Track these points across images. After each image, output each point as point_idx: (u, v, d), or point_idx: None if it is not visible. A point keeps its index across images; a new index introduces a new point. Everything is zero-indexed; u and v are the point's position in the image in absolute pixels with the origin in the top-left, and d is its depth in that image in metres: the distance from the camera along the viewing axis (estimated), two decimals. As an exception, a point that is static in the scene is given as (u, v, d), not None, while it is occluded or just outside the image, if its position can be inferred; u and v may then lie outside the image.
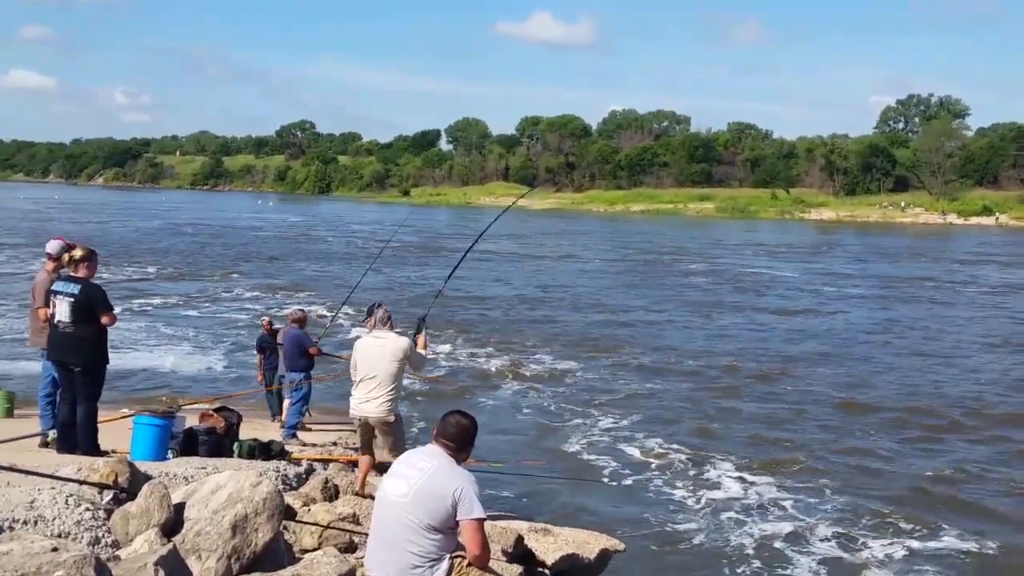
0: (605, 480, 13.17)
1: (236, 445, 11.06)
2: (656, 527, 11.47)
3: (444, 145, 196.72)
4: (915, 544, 11.04)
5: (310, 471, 10.48)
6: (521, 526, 8.78)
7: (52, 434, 10.61)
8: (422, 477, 5.00)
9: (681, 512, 11.99)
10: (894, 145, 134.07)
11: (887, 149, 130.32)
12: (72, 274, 9.82)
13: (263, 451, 10.97)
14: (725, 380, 20.13)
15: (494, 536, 7.44)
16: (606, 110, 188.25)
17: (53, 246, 10.86)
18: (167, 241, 55.76)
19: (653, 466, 13.89)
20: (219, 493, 7.54)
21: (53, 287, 9.90)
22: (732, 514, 11.93)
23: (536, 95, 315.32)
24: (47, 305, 9.98)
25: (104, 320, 9.80)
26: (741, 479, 13.28)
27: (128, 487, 7.56)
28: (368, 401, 9.14)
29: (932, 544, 11.08)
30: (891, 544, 11.02)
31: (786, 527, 11.46)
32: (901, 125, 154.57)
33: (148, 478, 7.87)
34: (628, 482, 13.15)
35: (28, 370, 15.17)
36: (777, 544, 10.98)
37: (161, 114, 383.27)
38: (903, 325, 28.74)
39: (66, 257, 10.04)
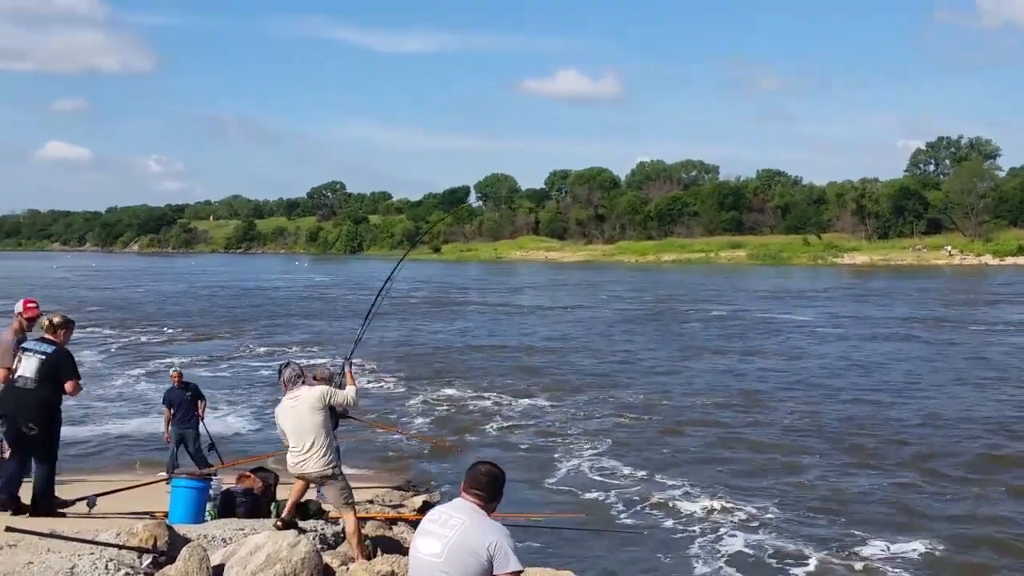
0: (626, 527, 13.20)
1: (273, 505, 11.06)
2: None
3: (474, 201, 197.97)
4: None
5: (347, 530, 10.45)
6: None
7: (92, 498, 10.65)
8: (454, 534, 4.92)
9: (699, 559, 12.03)
10: (925, 187, 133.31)
11: (919, 192, 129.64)
12: (49, 337, 9.72)
13: (300, 511, 10.96)
14: (713, 417, 20.76)
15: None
16: (634, 162, 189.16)
17: (19, 306, 10.98)
18: (191, 304, 56.50)
19: (663, 509, 14.03)
20: (257, 554, 7.56)
21: (25, 344, 9.84)
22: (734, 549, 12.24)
23: (564, 149, 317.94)
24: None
25: (68, 387, 9.58)
26: (725, 511, 13.75)
27: (167, 550, 7.59)
28: (304, 461, 8.93)
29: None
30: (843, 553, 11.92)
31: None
32: (932, 168, 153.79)
33: (186, 541, 7.90)
34: (648, 527, 13.16)
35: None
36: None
37: (194, 180, 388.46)
38: (891, 363, 29.07)
39: (44, 322, 9.90)
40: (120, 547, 7.57)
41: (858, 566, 11.56)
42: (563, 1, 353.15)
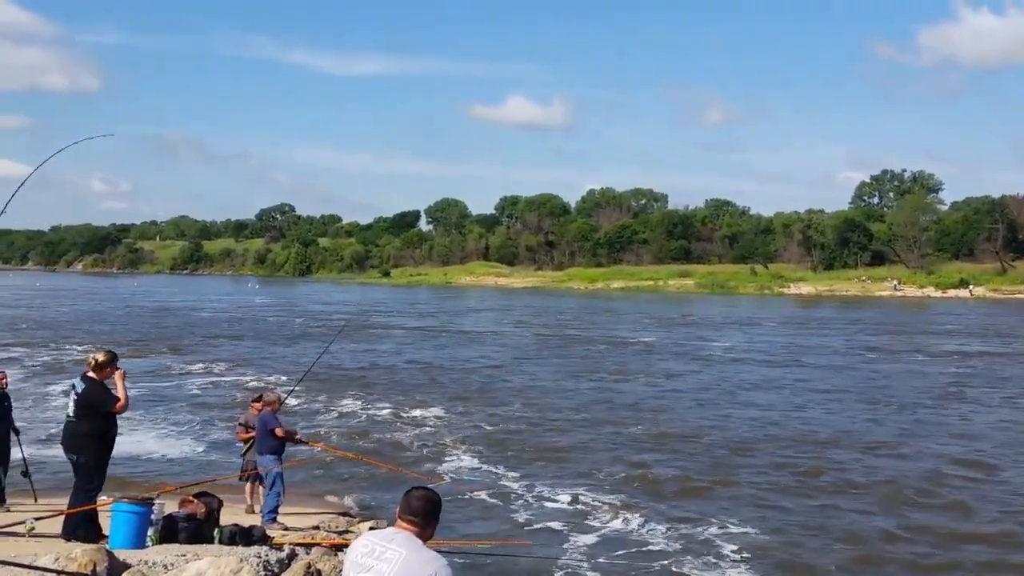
0: (565, 551, 13.06)
1: (217, 531, 10.91)
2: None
3: (424, 226, 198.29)
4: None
5: (292, 556, 10.31)
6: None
7: (30, 521, 10.47)
8: (392, 569, 4.65)
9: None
10: (870, 220, 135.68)
11: (863, 224, 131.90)
12: (91, 375, 10.69)
13: (244, 537, 10.82)
14: (605, 431, 22.00)
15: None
16: (584, 189, 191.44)
17: None
18: (126, 323, 56.12)
19: (600, 527, 14.22)
20: (200, 580, 7.43)
21: (74, 382, 10.99)
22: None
23: (514, 176, 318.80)
24: None
25: (117, 410, 10.65)
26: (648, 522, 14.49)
27: (106, 576, 7.44)
28: None
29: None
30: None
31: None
32: (876, 200, 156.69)
33: (127, 567, 7.75)
34: (594, 554, 13.02)
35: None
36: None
37: (139, 200, 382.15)
38: (775, 387, 30.27)
39: (91, 360, 10.82)
40: (59, 572, 7.41)
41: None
42: (512, 28, 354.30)
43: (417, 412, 24.53)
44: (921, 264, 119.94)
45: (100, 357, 10.74)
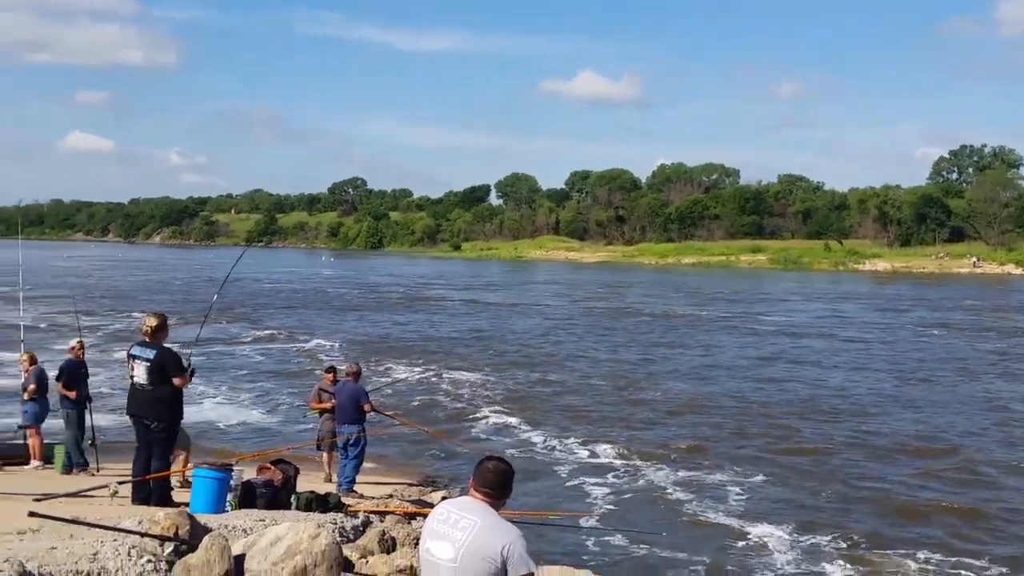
0: (639, 525, 13.13)
1: (294, 497, 11.12)
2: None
3: (494, 200, 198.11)
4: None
5: (367, 523, 10.49)
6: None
7: (114, 485, 10.77)
8: (466, 537, 4.75)
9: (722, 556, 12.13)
10: (948, 196, 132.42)
11: (941, 200, 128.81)
12: (149, 341, 10.51)
13: (320, 503, 11.02)
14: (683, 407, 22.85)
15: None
16: (654, 164, 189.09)
17: None
18: (186, 292, 57.49)
19: (670, 504, 14.61)
20: (278, 545, 7.59)
21: (131, 351, 10.62)
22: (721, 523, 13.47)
23: (584, 151, 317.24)
24: None
25: (176, 383, 10.45)
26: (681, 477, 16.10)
27: (188, 539, 7.63)
28: None
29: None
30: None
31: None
32: (954, 176, 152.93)
33: (208, 530, 7.94)
34: (663, 527, 13.09)
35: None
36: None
37: (216, 174, 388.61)
38: (809, 357, 31.65)
39: (144, 327, 10.66)
40: (142, 534, 7.63)
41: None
42: (582, 3, 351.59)
43: (464, 375, 26.26)
44: (1001, 241, 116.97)
45: (153, 322, 10.52)
